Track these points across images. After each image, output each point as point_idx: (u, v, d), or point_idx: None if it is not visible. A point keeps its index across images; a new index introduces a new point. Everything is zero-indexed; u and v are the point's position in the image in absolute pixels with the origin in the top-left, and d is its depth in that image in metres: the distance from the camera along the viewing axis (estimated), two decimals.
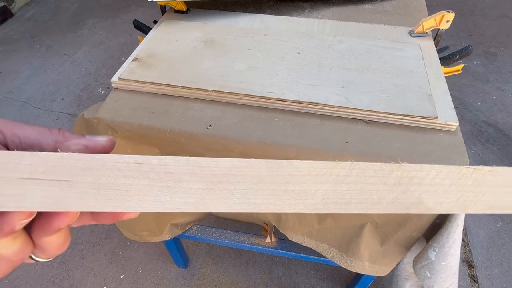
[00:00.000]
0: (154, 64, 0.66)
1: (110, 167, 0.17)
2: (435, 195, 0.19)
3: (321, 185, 0.18)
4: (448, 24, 0.69)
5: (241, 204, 0.18)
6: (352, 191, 0.19)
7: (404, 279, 0.72)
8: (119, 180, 0.17)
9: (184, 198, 0.17)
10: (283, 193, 0.18)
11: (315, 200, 0.19)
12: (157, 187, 0.17)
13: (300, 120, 0.59)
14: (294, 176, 0.18)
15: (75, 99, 1.87)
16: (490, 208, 0.19)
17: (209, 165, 0.18)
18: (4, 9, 2.45)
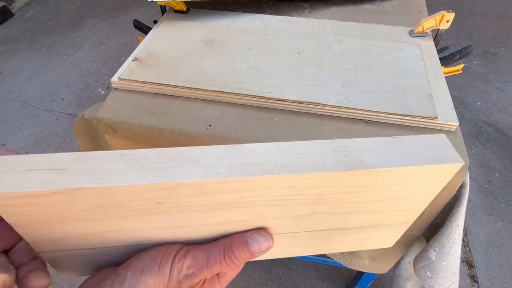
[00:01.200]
0: (154, 64, 0.66)
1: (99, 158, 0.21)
2: (375, 155, 0.23)
3: (272, 156, 0.22)
4: (448, 24, 0.69)
5: (204, 174, 0.21)
6: (299, 158, 0.22)
7: (406, 279, 0.72)
8: (104, 166, 0.21)
9: (157, 174, 0.21)
10: (240, 164, 0.22)
11: (268, 166, 0.22)
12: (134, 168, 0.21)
13: (300, 120, 0.59)
14: (248, 153, 0.22)
15: (75, 99, 1.87)
16: (424, 160, 0.23)
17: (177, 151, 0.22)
18: (4, 9, 2.45)
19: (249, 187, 0.22)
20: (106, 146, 0.61)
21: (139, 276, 0.23)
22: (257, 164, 0.22)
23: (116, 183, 0.20)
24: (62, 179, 0.20)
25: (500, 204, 1.38)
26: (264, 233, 0.25)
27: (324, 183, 0.23)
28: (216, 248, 0.24)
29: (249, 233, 0.25)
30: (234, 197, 0.23)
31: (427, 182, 0.24)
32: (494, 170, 1.50)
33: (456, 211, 0.54)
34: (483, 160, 1.53)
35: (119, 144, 0.61)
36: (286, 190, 0.23)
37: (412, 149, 0.23)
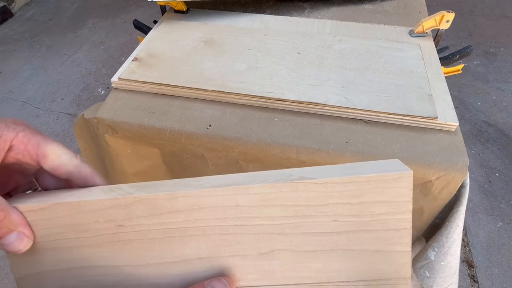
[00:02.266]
0: (154, 64, 0.66)
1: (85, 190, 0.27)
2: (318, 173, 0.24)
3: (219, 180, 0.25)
4: (448, 24, 0.69)
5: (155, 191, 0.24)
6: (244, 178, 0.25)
7: None
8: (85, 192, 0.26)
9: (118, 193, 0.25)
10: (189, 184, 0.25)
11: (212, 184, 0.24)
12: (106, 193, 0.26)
13: (300, 120, 0.59)
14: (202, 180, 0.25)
15: (75, 99, 1.87)
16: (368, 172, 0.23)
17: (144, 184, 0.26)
18: (4, 9, 2.45)
19: (197, 205, 0.24)
20: (106, 146, 0.61)
21: None
22: (205, 184, 0.24)
23: (86, 199, 0.24)
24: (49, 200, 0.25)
25: (500, 204, 1.38)
26: (223, 280, 0.24)
27: (267, 200, 0.23)
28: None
29: (208, 281, 0.24)
30: (184, 219, 0.24)
31: (382, 202, 0.22)
32: (494, 170, 1.50)
33: (456, 211, 0.54)
34: (483, 160, 1.53)
35: (119, 144, 0.61)
36: (232, 211, 0.23)
37: (361, 167, 0.23)
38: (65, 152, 0.26)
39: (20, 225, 0.24)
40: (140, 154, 0.63)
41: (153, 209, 0.24)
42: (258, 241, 0.24)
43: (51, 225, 0.25)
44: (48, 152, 0.25)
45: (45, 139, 0.25)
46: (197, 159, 0.60)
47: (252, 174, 0.25)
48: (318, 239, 0.24)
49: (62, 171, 0.26)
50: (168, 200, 0.23)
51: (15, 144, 0.24)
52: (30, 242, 0.24)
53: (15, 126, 0.25)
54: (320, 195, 0.23)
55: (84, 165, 0.27)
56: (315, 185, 0.22)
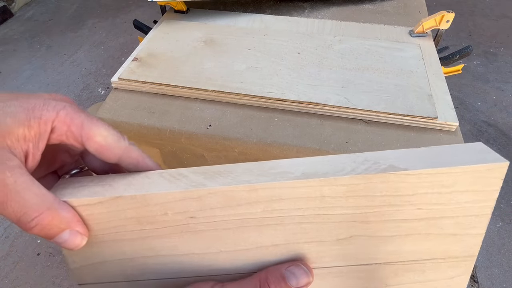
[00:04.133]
0: (154, 64, 0.66)
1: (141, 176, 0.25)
2: (407, 161, 0.22)
3: (299, 166, 0.23)
4: (448, 24, 0.69)
5: (235, 182, 0.22)
6: (327, 166, 0.23)
7: None
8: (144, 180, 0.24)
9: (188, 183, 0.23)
10: (269, 174, 0.23)
11: (295, 174, 0.22)
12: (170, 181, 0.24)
13: (300, 120, 0.59)
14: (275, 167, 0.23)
15: (75, 99, 1.87)
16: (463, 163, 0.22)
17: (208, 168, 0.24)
18: (4, 9, 2.45)
19: (278, 196, 0.22)
20: None
21: None
22: (285, 173, 0.22)
23: (152, 191, 0.22)
24: (106, 191, 0.23)
25: (500, 204, 1.38)
26: (302, 265, 0.23)
27: (355, 191, 0.22)
28: (252, 283, 0.23)
29: (285, 266, 0.23)
30: (264, 211, 0.23)
31: (470, 191, 0.22)
32: None
33: None
34: None
35: None
36: (316, 202, 0.22)
37: (447, 153, 0.22)
38: (112, 133, 0.24)
39: (72, 223, 0.22)
40: None
41: (229, 201, 0.22)
42: (338, 229, 0.24)
43: (111, 218, 0.23)
44: (93, 134, 0.23)
45: (89, 119, 0.23)
46: (197, 159, 0.60)
47: (328, 160, 0.23)
48: (398, 225, 0.24)
49: (109, 155, 0.24)
50: (246, 192, 0.22)
51: (57, 125, 0.22)
52: (85, 238, 0.23)
53: (56, 103, 0.22)
54: (411, 186, 0.22)
55: (133, 147, 0.25)
56: (408, 176, 0.21)
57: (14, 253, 1.25)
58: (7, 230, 1.31)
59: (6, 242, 1.28)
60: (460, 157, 0.22)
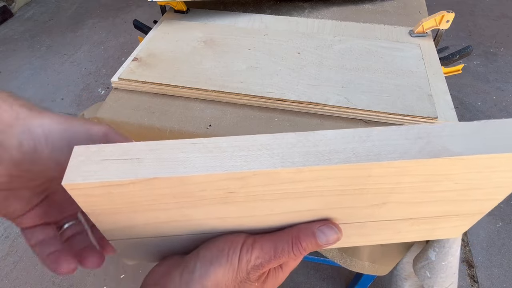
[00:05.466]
0: (154, 64, 0.66)
1: (171, 148, 0.21)
2: (460, 142, 0.21)
3: (348, 144, 0.21)
4: (448, 24, 0.69)
5: (280, 163, 0.20)
6: (378, 146, 0.21)
7: (404, 279, 0.72)
8: (178, 155, 0.21)
9: (231, 163, 0.21)
10: (316, 152, 0.21)
11: (346, 155, 0.21)
12: (208, 157, 0.21)
13: (300, 120, 0.59)
14: (322, 140, 0.21)
15: (75, 99, 1.87)
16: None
17: (248, 139, 0.22)
18: (4, 9, 2.45)
19: (325, 176, 0.21)
20: None
21: (208, 266, 0.23)
22: (334, 152, 0.21)
23: (192, 173, 0.20)
24: (137, 169, 0.20)
25: (500, 204, 1.39)
26: (333, 226, 0.24)
27: (404, 171, 0.22)
28: (284, 239, 0.24)
29: (317, 225, 0.24)
30: (307, 186, 0.22)
31: (510, 171, 0.23)
32: None
33: None
34: None
35: None
36: (360, 179, 0.22)
37: (498, 134, 0.21)
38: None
39: None
40: None
41: (273, 179, 0.21)
42: (374, 198, 0.24)
43: (144, 194, 0.22)
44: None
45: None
46: None
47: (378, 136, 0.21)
48: (431, 195, 0.24)
49: None
50: (293, 174, 0.21)
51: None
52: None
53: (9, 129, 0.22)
54: (460, 167, 0.22)
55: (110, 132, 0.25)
56: (461, 160, 0.21)
57: (14, 253, 1.25)
58: (7, 230, 1.32)
59: (6, 242, 1.28)
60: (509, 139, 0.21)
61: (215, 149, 0.21)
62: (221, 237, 0.25)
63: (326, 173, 0.21)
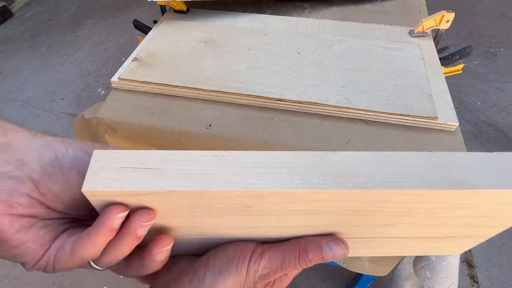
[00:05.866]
0: (154, 64, 0.66)
1: (191, 159, 0.21)
2: (479, 174, 0.21)
3: (364, 168, 0.21)
4: (448, 24, 0.69)
5: (300, 184, 0.21)
6: (398, 172, 0.21)
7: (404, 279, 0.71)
8: (198, 168, 0.21)
9: (251, 180, 0.21)
10: (333, 174, 0.21)
11: (361, 179, 0.20)
12: (228, 171, 0.21)
13: (300, 120, 0.59)
14: (340, 162, 0.21)
15: (75, 99, 1.87)
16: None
17: (268, 156, 0.22)
18: (4, 9, 2.45)
19: (341, 199, 0.22)
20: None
21: (218, 275, 0.24)
22: (352, 176, 0.21)
23: (212, 188, 0.20)
24: (158, 180, 0.20)
25: None
26: (340, 243, 0.25)
27: (422, 199, 0.21)
28: (291, 250, 0.25)
29: (324, 240, 0.25)
30: (321, 206, 0.22)
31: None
32: None
33: None
34: None
35: (119, 144, 0.61)
36: (377, 203, 0.22)
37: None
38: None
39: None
40: None
41: (289, 199, 0.21)
42: (386, 219, 0.24)
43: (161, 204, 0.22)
44: None
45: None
46: None
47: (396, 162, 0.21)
48: (444, 220, 0.24)
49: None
50: (310, 195, 0.21)
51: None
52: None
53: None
54: (479, 200, 0.22)
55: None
56: (480, 192, 0.20)
57: None
58: None
59: None
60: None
61: (235, 163, 0.21)
62: (230, 245, 0.26)
63: (343, 196, 0.21)
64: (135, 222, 0.21)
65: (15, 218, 0.21)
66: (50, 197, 0.22)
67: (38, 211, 0.22)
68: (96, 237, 0.21)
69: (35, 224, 0.22)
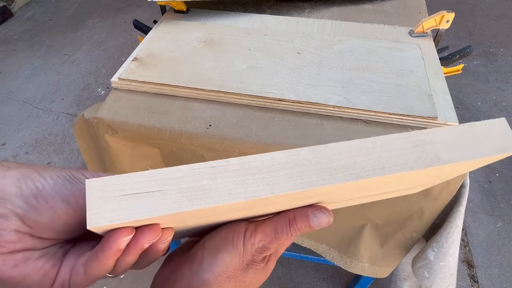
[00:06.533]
0: (154, 64, 0.65)
1: (191, 173, 0.21)
2: (449, 149, 0.23)
3: (357, 157, 0.23)
4: (448, 24, 0.69)
5: (300, 184, 0.21)
6: (382, 158, 0.23)
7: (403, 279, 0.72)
8: (200, 182, 0.21)
9: (254, 187, 0.21)
10: (330, 169, 0.22)
11: (356, 170, 0.22)
12: (230, 182, 0.21)
13: (300, 120, 0.59)
14: (334, 155, 0.22)
15: (75, 99, 1.87)
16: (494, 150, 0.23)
17: (266, 158, 0.22)
18: (4, 9, 2.45)
19: (337, 191, 0.24)
20: (106, 146, 0.61)
21: (215, 254, 0.25)
22: (345, 168, 0.22)
23: (217, 203, 0.20)
24: (163, 204, 0.20)
25: (500, 204, 1.38)
26: (325, 211, 0.27)
27: (401, 178, 0.24)
28: (282, 222, 0.27)
29: (311, 209, 0.27)
30: (317, 194, 0.24)
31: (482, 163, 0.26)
32: (494, 170, 1.50)
33: (456, 211, 0.54)
34: None
35: (119, 144, 0.61)
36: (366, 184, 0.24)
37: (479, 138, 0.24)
38: None
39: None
40: (140, 154, 0.63)
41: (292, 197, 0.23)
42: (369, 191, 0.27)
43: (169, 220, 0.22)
44: None
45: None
46: (197, 159, 0.60)
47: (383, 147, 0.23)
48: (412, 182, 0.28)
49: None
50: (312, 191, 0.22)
51: None
52: None
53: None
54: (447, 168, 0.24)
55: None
56: (449, 165, 0.23)
57: None
58: None
59: None
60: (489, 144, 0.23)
61: (234, 172, 0.21)
62: (223, 227, 0.27)
63: (338, 188, 0.23)
64: (142, 239, 0.22)
65: (8, 256, 0.21)
66: (40, 229, 0.22)
67: (30, 244, 0.22)
68: (105, 259, 0.21)
69: (31, 256, 0.22)
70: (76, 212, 0.23)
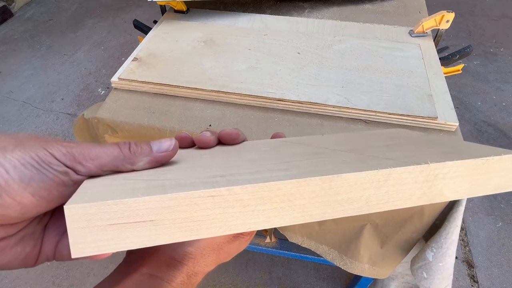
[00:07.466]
0: (154, 64, 0.65)
1: (188, 203, 0.19)
2: (453, 185, 0.22)
3: (365, 191, 0.21)
4: (448, 24, 0.69)
5: (300, 217, 0.21)
6: (389, 193, 0.22)
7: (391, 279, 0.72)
8: (196, 213, 0.19)
9: (254, 219, 0.20)
10: (334, 202, 0.21)
11: (359, 204, 0.21)
12: (229, 213, 0.20)
13: (300, 120, 0.59)
14: (343, 187, 0.21)
15: (75, 99, 1.87)
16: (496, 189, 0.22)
17: (272, 188, 0.20)
18: (4, 9, 2.45)
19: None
20: None
21: None
22: (349, 202, 0.21)
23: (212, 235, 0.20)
24: (156, 235, 0.19)
25: (500, 204, 1.38)
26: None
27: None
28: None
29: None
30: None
31: None
32: None
33: (455, 211, 0.54)
34: None
35: None
36: None
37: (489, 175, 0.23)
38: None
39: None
40: None
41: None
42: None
43: None
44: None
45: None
46: None
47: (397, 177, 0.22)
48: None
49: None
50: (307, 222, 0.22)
51: None
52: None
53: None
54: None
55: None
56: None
57: None
58: None
59: None
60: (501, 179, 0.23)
61: (237, 202, 0.20)
62: None
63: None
64: None
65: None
66: (10, 220, 0.20)
67: (2, 234, 0.21)
68: None
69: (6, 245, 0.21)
70: (50, 203, 0.21)
